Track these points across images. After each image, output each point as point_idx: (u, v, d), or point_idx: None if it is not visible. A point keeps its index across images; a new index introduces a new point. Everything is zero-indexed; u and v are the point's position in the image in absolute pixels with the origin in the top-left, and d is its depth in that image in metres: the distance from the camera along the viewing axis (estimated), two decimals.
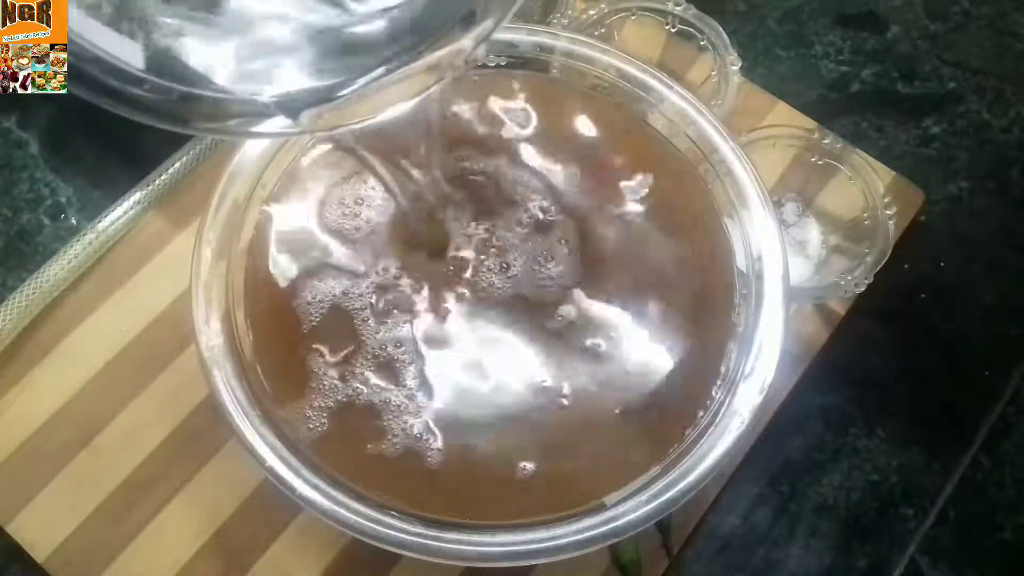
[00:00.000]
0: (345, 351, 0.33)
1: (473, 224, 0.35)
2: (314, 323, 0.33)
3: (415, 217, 0.34)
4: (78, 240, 0.43)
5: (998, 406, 0.44)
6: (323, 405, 0.32)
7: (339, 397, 0.32)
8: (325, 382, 0.32)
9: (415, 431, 0.32)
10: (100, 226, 0.43)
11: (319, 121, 0.18)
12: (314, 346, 0.33)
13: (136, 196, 0.44)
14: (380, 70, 0.16)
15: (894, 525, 0.41)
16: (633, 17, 0.46)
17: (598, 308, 0.34)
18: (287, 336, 0.33)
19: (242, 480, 0.39)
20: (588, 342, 0.33)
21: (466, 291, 0.34)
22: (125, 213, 0.43)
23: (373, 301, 0.34)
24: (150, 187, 0.44)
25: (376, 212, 0.35)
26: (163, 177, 0.44)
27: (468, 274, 0.34)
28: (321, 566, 0.38)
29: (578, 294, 0.34)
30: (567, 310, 0.34)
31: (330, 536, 0.38)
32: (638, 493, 0.30)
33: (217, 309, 0.33)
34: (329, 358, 0.33)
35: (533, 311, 0.34)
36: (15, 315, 0.41)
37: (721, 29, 0.44)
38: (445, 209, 0.35)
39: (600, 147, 0.37)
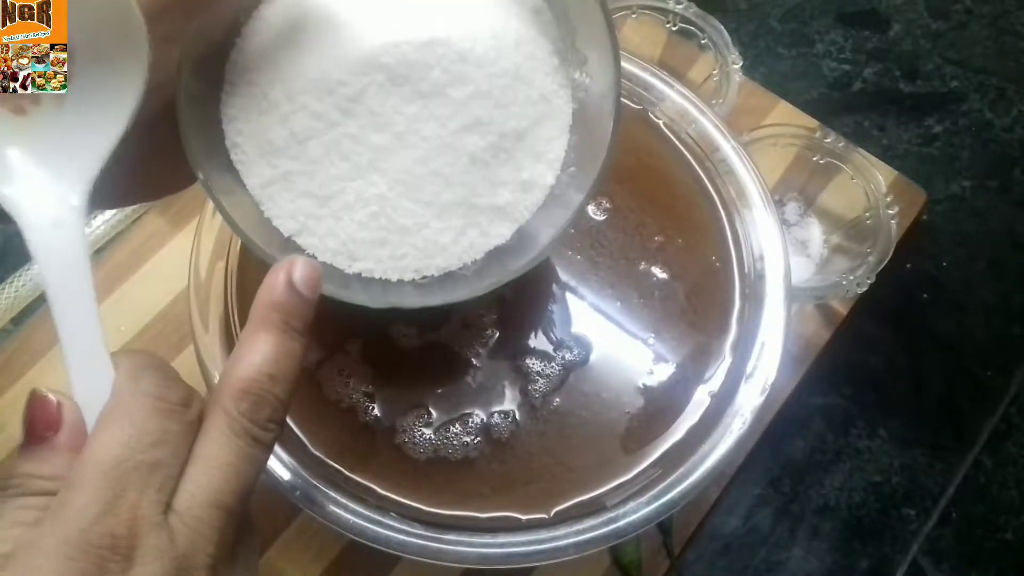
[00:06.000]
0: (343, 350, 0.33)
1: None
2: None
3: None
4: None
5: (1000, 406, 0.44)
6: (324, 403, 0.32)
7: (340, 397, 0.32)
8: (325, 381, 0.32)
9: (409, 428, 0.32)
10: (95, 223, 0.43)
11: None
12: (312, 345, 0.33)
13: None
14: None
15: (896, 526, 0.41)
16: (634, 15, 0.46)
17: (600, 308, 0.34)
18: None
19: None
20: (590, 342, 0.33)
21: None
22: (123, 212, 0.43)
23: None
24: None
25: None
26: None
27: None
28: (320, 567, 0.37)
29: (580, 293, 0.34)
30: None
31: (330, 537, 0.37)
32: (639, 494, 0.30)
33: (215, 309, 0.33)
34: (328, 357, 0.33)
35: None
36: (1, 309, 0.41)
37: (722, 27, 0.44)
38: None
39: None
